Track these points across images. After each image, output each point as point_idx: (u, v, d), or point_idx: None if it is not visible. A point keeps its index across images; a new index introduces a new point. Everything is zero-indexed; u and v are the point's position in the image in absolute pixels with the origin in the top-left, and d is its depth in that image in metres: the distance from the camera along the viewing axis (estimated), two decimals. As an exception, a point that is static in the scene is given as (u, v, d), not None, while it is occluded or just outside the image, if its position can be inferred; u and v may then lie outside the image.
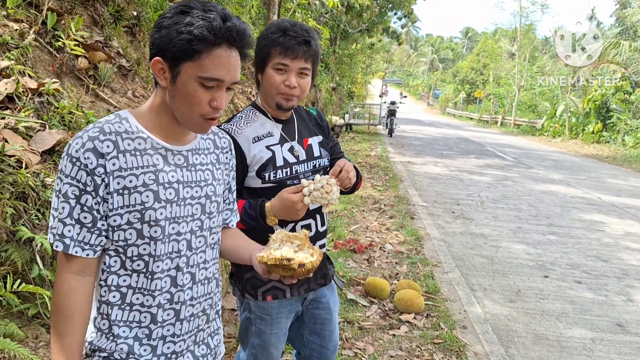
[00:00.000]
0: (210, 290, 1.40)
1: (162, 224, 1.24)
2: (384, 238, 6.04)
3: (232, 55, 1.21)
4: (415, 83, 79.95)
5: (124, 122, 1.24)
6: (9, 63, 2.82)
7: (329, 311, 2.13)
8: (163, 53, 1.19)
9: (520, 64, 33.94)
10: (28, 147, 2.53)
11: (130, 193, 1.21)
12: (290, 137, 1.93)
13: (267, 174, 1.84)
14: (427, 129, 28.30)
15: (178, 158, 1.30)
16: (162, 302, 1.28)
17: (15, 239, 2.19)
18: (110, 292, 1.26)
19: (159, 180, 1.24)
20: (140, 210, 1.22)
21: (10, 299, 2.08)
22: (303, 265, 1.29)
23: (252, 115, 1.91)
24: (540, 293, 4.70)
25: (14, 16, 3.20)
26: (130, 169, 1.21)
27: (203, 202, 1.34)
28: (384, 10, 24.09)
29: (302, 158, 1.93)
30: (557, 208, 8.47)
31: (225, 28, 1.18)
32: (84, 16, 3.86)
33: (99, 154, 1.17)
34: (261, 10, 10.03)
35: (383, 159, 13.04)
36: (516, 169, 13.07)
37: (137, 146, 1.23)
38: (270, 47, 1.78)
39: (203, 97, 1.21)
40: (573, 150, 20.53)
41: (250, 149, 1.83)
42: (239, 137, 1.82)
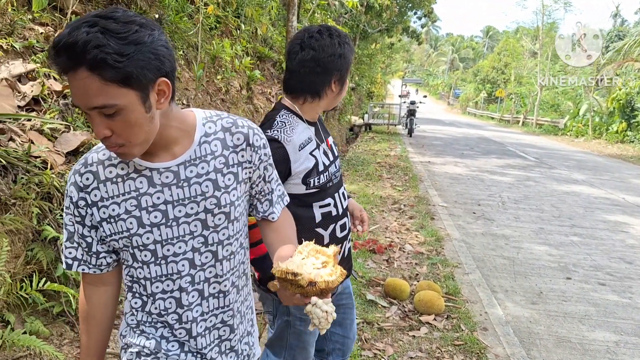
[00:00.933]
0: (229, 302, 1.35)
1: (151, 247, 1.23)
2: (404, 238, 6.01)
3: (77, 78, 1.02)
4: (436, 82, 79.37)
5: None
6: (35, 66, 2.89)
7: (351, 300, 2.19)
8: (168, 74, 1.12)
9: (543, 62, 33.48)
10: (53, 148, 2.58)
11: (116, 221, 1.22)
12: (320, 139, 1.94)
13: (312, 179, 1.83)
14: (448, 128, 28.08)
15: (166, 176, 1.22)
16: (171, 322, 1.30)
17: (40, 238, 2.24)
18: (133, 298, 1.32)
19: (141, 205, 1.21)
20: (127, 237, 1.22)
21: (36, 297, 2.12)
22: (314, 283, 1.17)
23: (292, 120, 1.84)
24: (563, 295, 4.63)
25: (39, 20, 3.27)
26: (112, 197, 1.21)
27: (203, 217, 1.25)
28: (403, 10, 23.96)
29: (331, 158, 1.95)
30: (580, 209, 8.33)
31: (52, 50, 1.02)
32: (107, 19, 3.92)
33: (79, 188, 1.22)
34: (281, 11, 10.08)
35: (403, 159, 12.98)
36: (538, 169, 12.89)
37: (120, 172, 1.21)
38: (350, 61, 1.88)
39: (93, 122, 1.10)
40: (596, 150, 20.17)
41: (297, 157, 1.79)
42: (288, 145, 1.76)
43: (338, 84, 1.86)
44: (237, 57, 6.85)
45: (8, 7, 3.02)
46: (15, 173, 2.30)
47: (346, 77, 1.87)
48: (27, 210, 2.20)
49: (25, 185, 2.26)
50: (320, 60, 1.80)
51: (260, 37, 7.92)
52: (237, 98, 6.48)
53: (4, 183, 2.23)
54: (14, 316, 2.09)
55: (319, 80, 1.83)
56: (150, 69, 1.05)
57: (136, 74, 1.02)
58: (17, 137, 2.48)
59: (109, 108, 1.03)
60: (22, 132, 2.53)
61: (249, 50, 7.58)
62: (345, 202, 2.01)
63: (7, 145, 2.37)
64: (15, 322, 2.08)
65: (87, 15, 1.02)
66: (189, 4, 5.17)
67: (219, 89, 6.21)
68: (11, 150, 2.32)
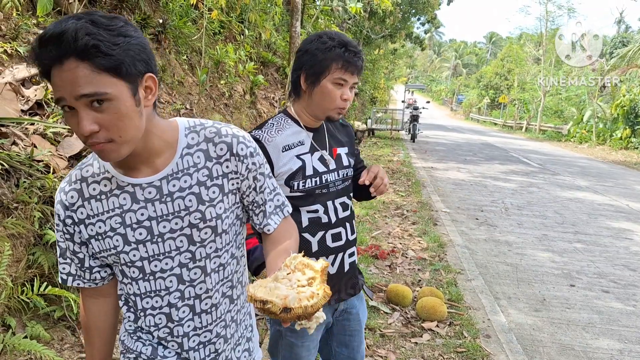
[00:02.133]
0: (220, 313, 1.33)
1: (138, 264, 1.22)
2: (406, 244, 6.00)
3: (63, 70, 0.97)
4: (439, 88, 79.43)
5: (95, 162, 1.20)
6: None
7: (358, 322, 2.09)
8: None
9: (546, 69, 33.47)
10: (56, 152, 2.58)
11: (103, 238, 1.21)
12: (321, 145, 1.91)
13: (296, 182, 1.81)
14: (451, 134, 28.06)
15: (148, 191, 1.19)
16: (163, 336, 1.30)
17: (42, 242, 2.24)
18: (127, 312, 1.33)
19: (125, 222, 1.19)
20: (115, 254, 1.22)
21: (37, 302, 2.12)
22: (289, 310, 1.07)
23: (284, 123, 1.87)
24: (566, 302, 4.61)
25: (43, 24, 3.28)
26: (97, 215, 1.19)
27: (188, 232, 1.22)
28: (407, 15, 24.01)
29: (331, 167, 1.91)
30: (583, 215, 8.30)
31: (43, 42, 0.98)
32: (111, 24, 3.94)
33: (64, 206, 1.20)
34: (284, 16, 10.11)
35: (406, 165, 12.97)
36: (541, 176, 12.86)
37: (103, 188, 1.19)
38: (331, 61, 1.75)
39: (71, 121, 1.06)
40: (600, 156, 20.12)
41: (279, 158, 1.79)
42: (268, 145, 1.78)
43: (306, 81, 1.80)
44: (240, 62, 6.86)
45: (13, 12, 3.03)
46: (18, 177, 2.30)
47: (318, 77, 1.77)
48: (29, 214, 2.20)
49: (28, 189, 2.26)
50: (296, 55, 1.85)
51: (264, 43, 7.94)
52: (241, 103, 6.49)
53: (7, 187, 2.23)
54: (15, 320, 2.08)
55: (293, 78, 1.85)
56: (140, 61, 1.03)
57: (127, 63, 0.99)
58: (20, 141, 2.48)
59: (100, 96, 0.97)
60: (25, 136, 2.53)
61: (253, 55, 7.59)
62: (346, 213, 1.95)
63: (10, 149, 2.37)
64: (17, 326, 2.08)
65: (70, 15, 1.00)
66: (193, 9, 5.18)
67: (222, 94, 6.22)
68: (14, 154, 2.32)
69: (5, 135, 2.42)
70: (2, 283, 1.95)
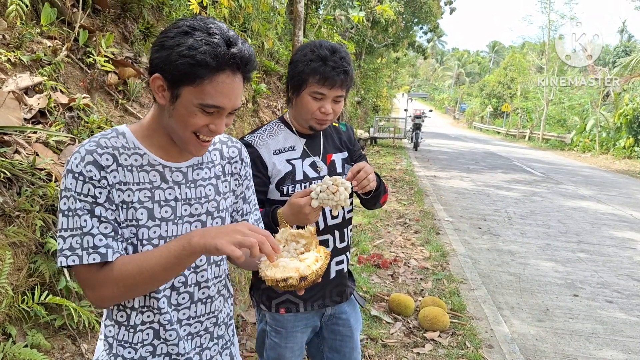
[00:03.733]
0: (214, 308, 1.38)
1: (155, 242, 1.23)
2: (409, 253, 5.98)
3: (235, 81, 1.16)
4: (442, 97, 79.54)
5: (120, 137, 1.22)
6: (42, 79, 2.90)
7: (349, 328, 2.09)
8: (162, 72, 1.15)
9: (549, 77, 33.49)
10: (58, 161, 2.58)
11: (128, 208, 1.19)
12: (313, 152, 1.93)
13: (285, 187, 1.84)
14: (454, 142, 28.06)
15: (176, 175, 1.27)
16: (163, 322, 1.28)
17: (43, 250, 2.24)
18: (118, 311, 1.28)
19: (154, 198, 1.22)
20: (135, 226, 1.20)
21: (38, 310, 2.11)
22: (305, 278, 1.19)
23: (277, 128, 1.93)
24: (570, 312, 4.58)
25: (47, 33, 3.30)
26: (127, 183, 1.19)
27: (204, 219, 1.31)
28: (409, 24, 24.11)
29: (323, 173, 1.91)
30: (587, 225, 8.27)
31: (229, 55, 1.12)
32: (115, 33, 3.96)
33: (99, 166, 1.15)
34: (287, 25, 10.15)
35: (408, 173, 12.96)
36: (545, 185, 12.83)
37: (134, 162, 1.21)
38: (308, 75, 1.76)
39: (202, 121, 1.17)
40: (604, 165, 20.08)
41: (270, 160, 1.84)
42: (260, 149, 1.83)
43: (289, 91, 1.85)
44: (243, 71, 6.86)
45: (17, 20, 3.04)
46: (20, 185, 2.31)
47: (298, 88, 1.80)
48: (30, 222, 2.20)
49: (30, 197, 2.26)
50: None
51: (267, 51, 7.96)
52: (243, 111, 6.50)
53: (9, 195, 2.23)
54: (16, 329, 2.08)
55: (286, 85, 1.90)
56: None
57: None
58: (23, 149, 2.49)
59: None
60: (28, 145, 2.53)
61: (256, 64, 7.60)
62: (334, 221, 1.94)
63: (12, 158, 2.37)
64: (17, 335, 2.07)
65: (222, 29, 1.15)
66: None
67: (225, 102, 6.22)
68: (16, 163, 2.32)
69: (7, 144, 2.43)
70: (3, 292, 1.95)
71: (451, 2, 25.90)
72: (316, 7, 12.63)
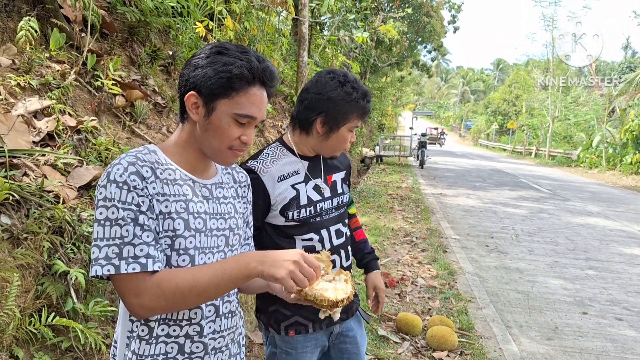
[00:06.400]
0: (234, 324, 1.42)
1: (190, 252, 1.26)
2: (416, 272, 5.95)
3: (264, 94, 1.28)
4: (447, 115, 79.74)
5: (152, 154, 1.27)
6: (51, 102, 2.95)
7: (356, 345, 2.10)
8: (198, 89, 1.24)
9: (554, 94, 33.54)
10: (66, 183, 2.61)
11: (165, 218, 1.23)
12: (315, 174, 1.95)
13: (290, 212, 1.85)
14: (459, 160, 28.04)
15: (204, 190, 1.34)
16: (191, 334, 1.29)
17: (50, 272, 2.25)
18: (140, 325, 1.27)
19: (189, 209, 1.27)
20: (171, 237, 1.23)
21: (45, 332, 2.12)
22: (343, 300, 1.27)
23: (279, 152, 1.93)
24: (579, 330, 4.52)
25: (56, 58, 3.36)
26: (165, 194, 1.23)
27: (227, 234, 1.37)
28: (413, 44, 24.28)
29: (326, 195, 1.96)
30: (595, 241, 8.20)
31: (261, 69, 1.24)
32: (122, 56, 4.02)
33: (141, 177, 1.19)
34: (292, 46, 10.27)
35: (414, 191, 12.94)
36: (552, 201, 12.77)
37: (168, 176, 1.26)
38: (352, 109, 1.82)
39: (235, 132, 1.26)
40: (611, 181, 19.98)
41: (274, 188, 1.84)
42: (264, 176, 1.83)
43: (323, 126, 1.85)
44: (249, 92, 6.92)
45: (26, 45, 3.11)
46: (28, 207, 2.33)
47: (337, 124, 1.84)
48: (38, 244, 2.22)
49: (38, 219, 2.28)
50: (310, 95, 1.87)
51: (272, 72, 8.06)
52: (249, 131, 6.56)
53: (17, 217, 2.25)
54: (23, 351, 2.08)
55: (305, 115, 1.88)
56: None
57: None
58: (31, 171, 2.52)
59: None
60: (36, 167, 2.57)
61: (261, 85, 7.67)
62: (340, 240, 1.99)
63: (21, 180, 2.40)
64: (24, 357, 2.07)
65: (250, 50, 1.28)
66: (202, 41, 5.29)
67: (230, 123, 6.27)
68: (25, 185, 2.35)
69: (16, 167, 2.46)
70: (11, 314, 1.95)
71: (454, 21, 26.13)
72: (320, 28, 12.77)
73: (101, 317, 2.43)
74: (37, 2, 3.44)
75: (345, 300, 1.26)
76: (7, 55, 3.07)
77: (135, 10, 4.17)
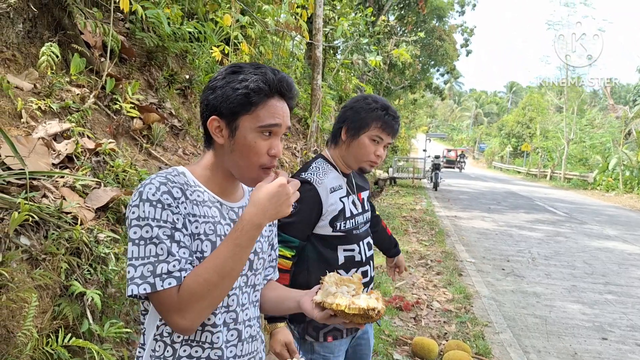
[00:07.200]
0: (254, 348, 1.41)
1: None
2: (431, 295, 5.88)
3: (284, 105, 1.28)
4: (460, 137, 79.60)
5: (181, 175, 1.27)
6: (70, 125, 3.01)
7: (368, 346, 2.31)
8: (219, 111, 1.24)
9: (569, 117, 33.36)
10: (84, 204, 2.65)
11: (194, 239, 1.22)
12: (351, 190, 2.15)
13: (338, 223, 2.03)
14: (474, 182, 27.88)
15: (231, 214, 1.33)
16: (213, 358, 1.28)
17: (67, 293, 2.26)
18: (165, 346, 1.27)
19: (217, 232, 1.26)
20: (199, 258, 1.23)
21: (61, 353, 2.12)
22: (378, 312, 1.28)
23: (326, 167, 2.10)
24: (599, 357, 4.42)
25: (76, 82, 3.44)
26: (195, 215, 1.23)
27: (251, 257, 1.35)
28: (426, 67, 24.45)
29: (360, 210, 2.15)
30: (614, 265, 8.06)
31: (277, 80, 1.25)
32: (140, 80, 4.10)
33: (173, 197, 1.19)
34: (306, 70, 10.38)
35: (428, 213, 12.86)
36: (568, 224, 12.61)
37: (197, 198, 1.26)
38: (371, 120, 2.01)
39: (262, 147, 1.25)
40: (629, 204, 19.69)
41: (328, 199, 2.00)
42: (319, 187, 1.99)
43: (346, 133, 2.06)
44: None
45: (48, 70, 3.18)
46: (47, 229, 2.36)
47: (358, 132, 2.03)
48: (56, 265, 2.24)
49: (56, 240, 2.31)
50: (341, 111, 2.13)
51: (286, 95, 8.16)
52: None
53: (36, 239, 2.28)
54: (38, 372, 2.08)
55: (335, 128, 2.12)
56: None
57: None
58: (50, 193, 2.56)
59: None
60: (55, 189, 2.60)
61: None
62: (370, 252, 2.17)
63: (40, 202, 2.44)
64: (39, 378, 2.08)
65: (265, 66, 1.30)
66: (218, 64, 5.37)
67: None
68: (44, 207, 2.38)
69: (36, 189, 2.50)
70: (28, 334, 1.96)
71: (467, 44, 26.27)
72: (334, 52, 12.91)
73: (116, 338, 2.43)
74: (59, 28, 3.53)
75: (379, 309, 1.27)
76: (29, 79, 3.14)
77: (154, 35, 4.27)
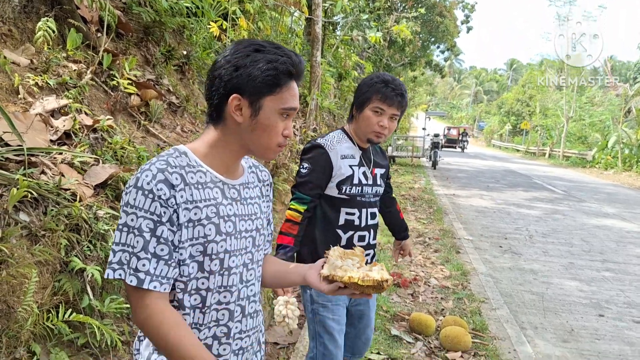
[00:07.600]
0: (258, 323, 1.43)
1: (221, 256, 1.26)
2: (429, 272, 5.92)
3: (297, 86, 1.32)
4: (459, 115, 79.32)
5: (183, 156, 1.26)
6: (67, 101, 2.98)
7: (368, 307, 2.50)
8: (241, 90, 1.23)
9: (568, 94, 33.20)
10: (82, 181, 2.64)
11: (195, 226, 1.22)
12: (366, 163, 2.37)
13: (344, 187, 2.27)
14: (472, 161, 27.88)
15: (233, 192, 1.33)
16: (219, 335, 1.29)
17: (67, 269, 2.27)
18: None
19: (219, 213, 1.26)
20: (203, 243, 1.23)
21: (62, 328, 2.14)
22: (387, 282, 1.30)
23: (342, 137, 2.34)
24: (596, 333, 4.47)
25: (73, 57, 3.40)
26: (195, 201, 1.22)
27: (254, 235, 1.37)
28: (426, 44, 24.21)
29: (370, 182, 2.36)
30: (611, 243, 8.11)
31: (298, 62, 1.28)
32: (137, 56, 4.05)
33: (170, 185, 1.17)
34: (305, 46, 10.28)
35: (427, 192, 12.89)
36: (566, 202, 12.65)
37: (199, 179, 1.25)
38: (372, 93, 2.22)
39: (280, 127, 1.29)
40: (627, 182, 19.73)
41: (338, 163, 2.25)
42: (331, 152, 2.25)
43: (355, 108, 2.31)
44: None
45: (44, 46, 3.14)
46: (46, 205, 2.36)
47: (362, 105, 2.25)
48: (55, 241, 2.24)
49: (55, 217, 2.31)
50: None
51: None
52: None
53: (35, 215, 2.28)
54: (40, 347, 2.10)
55: (351, 105, 2.38)
56: None
57: None
58: (49, 170, 2.55)
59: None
60: (54, 165, 2.59)
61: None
62: (373, 221, 2.39)
63: (39, 178, 2.43)
64: (41, 353, 2.10)
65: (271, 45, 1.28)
66: (216, 40, 5.32)
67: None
68: (42, 183, 2.38)
69: (34, 165, 2.49)
70: (29, 309, 1.98)
71: (468, 21, 25.98)
72: (333, 28, 12.77)
73: (117, 314, 2.45)
74: (55, 3, 3.48)
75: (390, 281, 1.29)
76: (25, 55, 3.11)
77: (151, 10, 4.21)
